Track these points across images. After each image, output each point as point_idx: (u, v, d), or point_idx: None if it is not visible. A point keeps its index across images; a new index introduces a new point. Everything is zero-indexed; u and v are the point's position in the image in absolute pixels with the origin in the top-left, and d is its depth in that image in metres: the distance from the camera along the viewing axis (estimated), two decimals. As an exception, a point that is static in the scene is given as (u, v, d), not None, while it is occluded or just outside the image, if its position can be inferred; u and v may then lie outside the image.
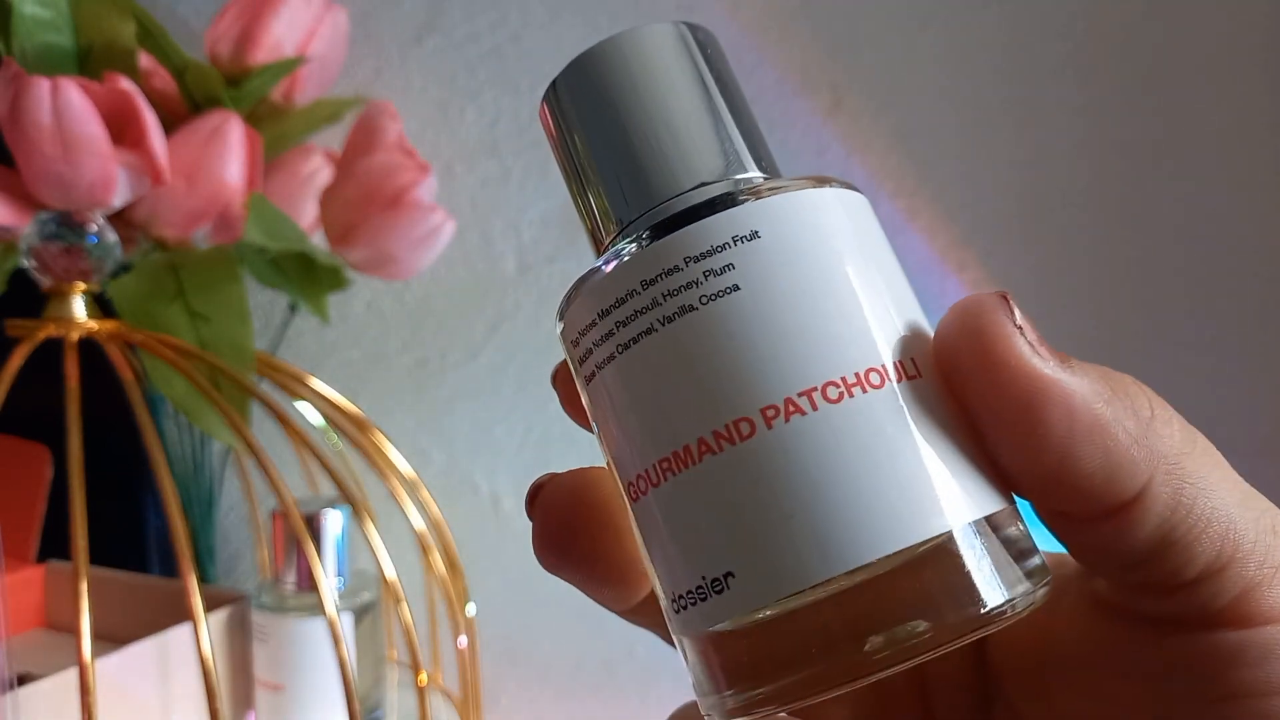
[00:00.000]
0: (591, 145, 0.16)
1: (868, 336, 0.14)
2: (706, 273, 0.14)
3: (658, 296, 0.14)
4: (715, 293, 0.13)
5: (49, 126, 0.38)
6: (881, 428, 0.13)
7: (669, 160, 0.15)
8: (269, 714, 0.42)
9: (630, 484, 0.14)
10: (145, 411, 0.34)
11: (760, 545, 0.13)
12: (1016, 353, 0.13)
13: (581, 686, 0.57)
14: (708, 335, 0.13)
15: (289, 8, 0.48)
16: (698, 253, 0.14)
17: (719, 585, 0.13)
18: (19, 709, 0.34)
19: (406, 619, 0.37)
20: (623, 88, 0.15)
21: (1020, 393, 0.13)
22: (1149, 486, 0.13)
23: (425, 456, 0.59)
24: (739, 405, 0.13)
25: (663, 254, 0.14)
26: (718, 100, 0.16)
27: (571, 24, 0.55)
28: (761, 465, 0.13)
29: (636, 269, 0.14)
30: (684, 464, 0.13)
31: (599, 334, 0.14)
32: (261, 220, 0.43)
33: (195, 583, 0.30)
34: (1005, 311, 0.13)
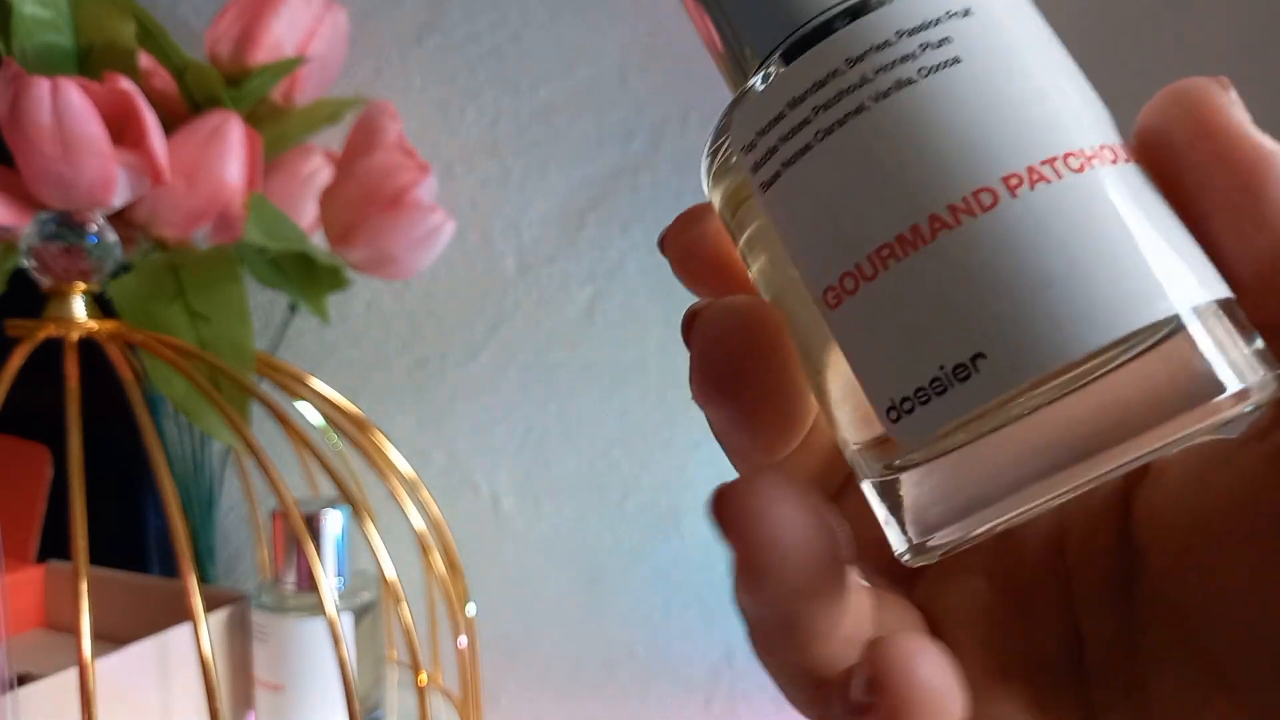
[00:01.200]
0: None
1: (1092, 114, 0.13)
2: (923, 45, 0.13)
3: (867, 73, 0.13)
4: (935, 65, 0.12)
5: (49, 126, 0.38)
6: (1125, 200, 0.12)
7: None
8: (269, 714, 0.42)
9: (832, 287, 0.13)
10: (145, 411, 0.34)
11: (1015, 319, 0.11)
12: (1236, 121, 0.12)
13: (581, 686, 0.57)
14: (932, 107, 0.12)
15: (289, 8, 0.48)
16: (911, 26, 0.13)
17: (963, 371, 0.12)
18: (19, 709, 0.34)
19: (406, 619, 0.37)
20: None
21: (1242, 160, 0.12)
22: None
23: (425, 456, 0.59)
24: (978, 175, 0.12)
25: (870, 29, 0.13)
26: None
27: (571, 24, 0.55)
28: (1011, 234, 0.12)
29: (838, 49, 0.13)
30: (912, 246, 0.12)
31: (789, 125, 0.13)
32: (261, 220, 0.43)
33: (195, 583, 0.30)
34: (1223, 86, 0.13)
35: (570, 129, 0.56)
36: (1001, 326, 0.12)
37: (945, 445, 0.12)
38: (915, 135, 0.12)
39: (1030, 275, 0.12)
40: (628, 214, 0.55)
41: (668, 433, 0.55)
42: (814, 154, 0.13)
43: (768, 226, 0.14)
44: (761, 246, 0.14)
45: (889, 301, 0.12)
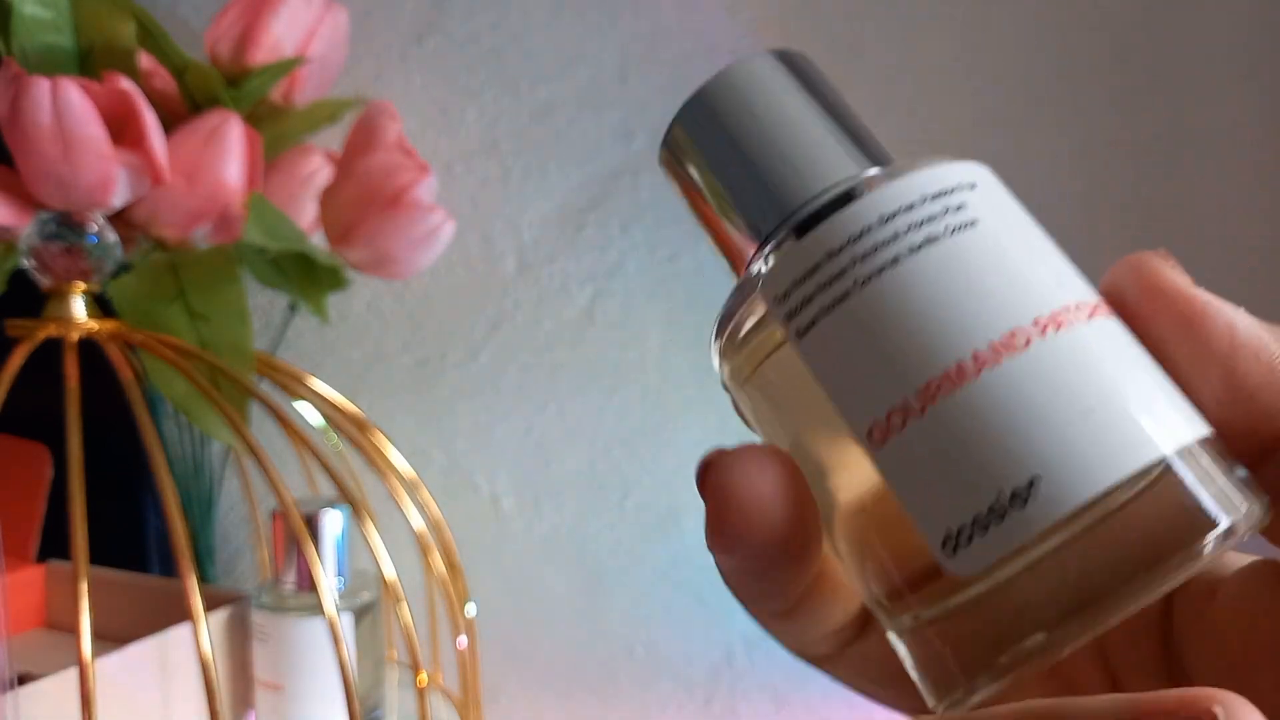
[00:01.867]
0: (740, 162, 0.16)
1: (1080, 278, 0.15)
2: (945, 208, 0.14)
3: (899, 229, 0.14)
4: (958, 225, 0.14)
5: (49, 126, 0.38)
6: (1125, 345, 0.14)
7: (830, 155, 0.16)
8: (269, 714, 0.42)
9: (877, 424, 0.13)
10: (145, 411, 0.34)
11: (1065, 443, 0.12)
12: (1172, 277, 0.14)
13: (581, 686, 0.57)
14: (962, 259, 0.14)
15: (289, 8, 0.48)
16: (933, 192, 0.14)
17: (1021, 496, 0.12)
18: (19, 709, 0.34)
19: (406, 619, 0.37)
20: (761, 106, 0.16)
21: (1182, 310, 0.14)
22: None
23: (425, 456, 0.59)
24: (1012, 318, 0.13)
25: (897, 193, 0.14)
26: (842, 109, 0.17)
27: (571, 24, 0.55)
28: (1050, 369, 0.13)
29: (869, 209, 0.14)
30: (957, 383, 0.13)
31: (828, 274, 0.14)
32: (261, 220, 0.43)
33: (195, 583, 0.30)
34: (1164, 255, 0.14)
35: (570, 129, 0.56)
36: (1053, 451, 0.12)
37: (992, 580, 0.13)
38: (949, 284, 0.14)
39: (1071, 405, 0.13)
40: (628, 214, 0.55)
41: (668, 433, 0.55)
42: (852, 301, 0.14)
43: (793, 377, 0.15)
44: (779, 400, 0.15)
45: (940, 435, 0.13)
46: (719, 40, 0.53)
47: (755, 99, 0.16)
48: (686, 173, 0.17)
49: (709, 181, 0.17)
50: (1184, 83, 0.47)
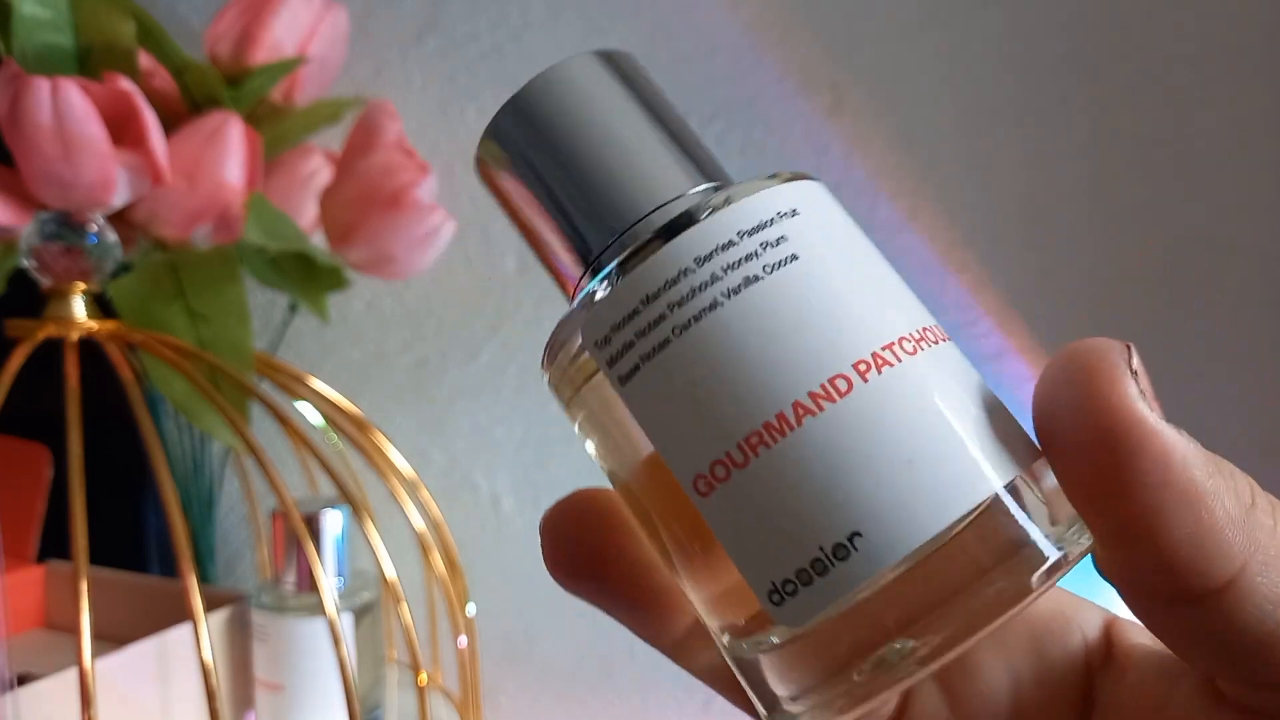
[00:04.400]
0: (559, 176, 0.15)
1: (910, 298, 0.14)
2: (763, 244, 0.13)
3: (716, 271, 0.13)
4: (777, 261, 0.13)
5: (49, 126, 0.38)
6: (953, 375, 0.13)
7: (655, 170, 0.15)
8: (269, 714, 0.42)
9: (702, 475, 0.13)
10: (145, 411, 0.34)
11: (886, 496, 0.12)
12: (1122, 389, 0.12)
13: (581, 686, 0.57)
14: (781, 301, 0.13)
15: (289, 8, 0.48)
16: (749, 227, 0.13)
17: (843, 551, 0.12)
18: (19, 709, 0.34)
19: (406, 619, 0.37)
20: (581, 115, 0.15)
21: (1116, 427, 0.12)
22: (1243, 575, 0.12)
23: (425, 456, 0.59)
24: (832, 364, 0.13)
25: (714, 231, 0.13)
26: (670, 116, 0.16)
27: (571, 23, 0.55)
28: (869, 417, 0.12)
29: (684, 251, 0.13)
30: (780, 433, 0.13)
31: (645, 320, 0.13)
32: (261, 220, 0.43)
33: (195, 583, 0.30)
34: (1121, 352, 0.13)
35: (570, 129, 0.55)
36: (874, 505, 0.12)
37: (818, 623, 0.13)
38: (769, 328, 0.13)
39: (892, 454, 0.12)
40: (628, 214, 0.55)
41: (668, 433, 0.55)
42: (672, 349, 0.13)
43: (622, 416, 0.14)
44: (606, 431, 0.15)
45: (763, 487, 0.13)
46: (719, 40, 0.53)
47: (572, 107, 0.15)
48: (502, 187, 0.16)
49: (525, 197, 0.16)
50: (1186, 82, 0.47)
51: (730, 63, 0.53)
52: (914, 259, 0.52)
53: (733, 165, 0.57)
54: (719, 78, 0.53)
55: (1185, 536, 0.12)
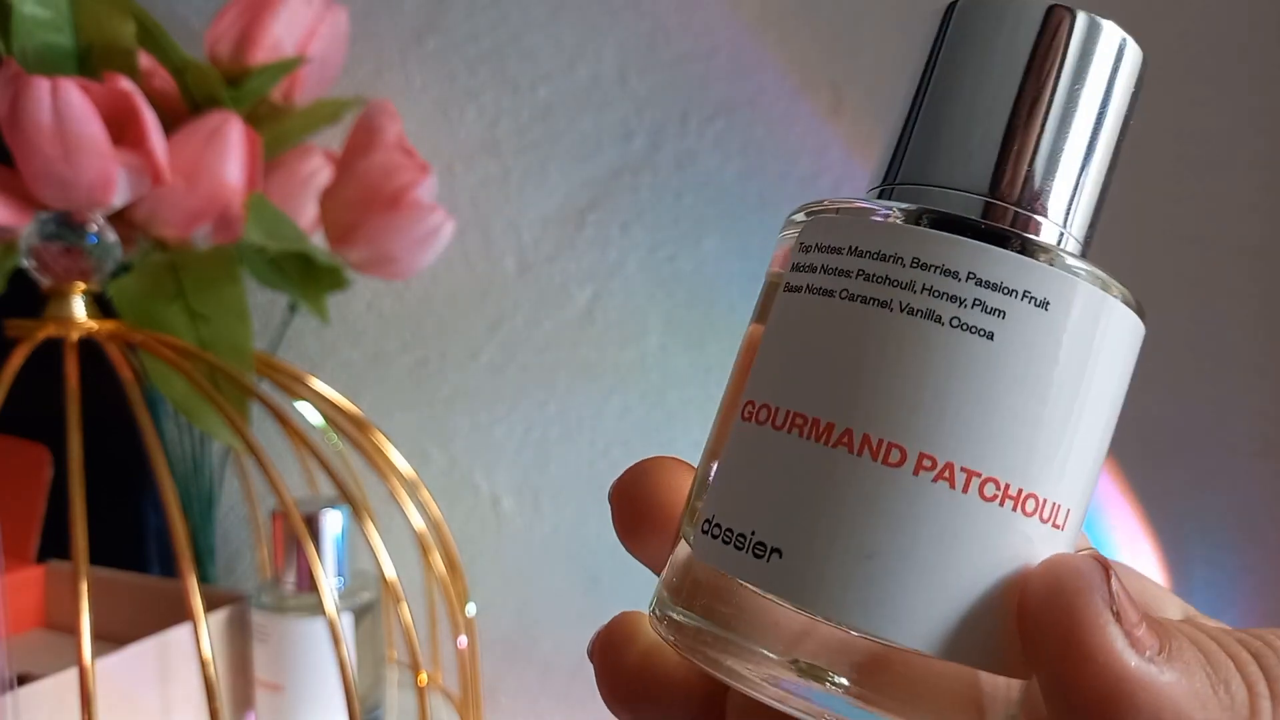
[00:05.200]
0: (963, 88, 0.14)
1: (1054, 466, 0.13)
2: (976, 301, 0.12)
3: (916, 282, 0.13)
4: (968, 324, 0.12)
5: (49, 126, 0.38)
6: (1003, 555, 0.12)
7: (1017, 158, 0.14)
8: (269, 714, 0.42)
9: (752, 402, 0.14)
10: (145, 411, 0.34)
11: (825, 555, 0.12)
12: (1106, 643, 0.12)
13: (581, 686, 0.57)
14: (931, 354, 0.12)
15: (289, 8, 0.48)
16: (986, 279, 0.12)
17: (761, 551, 0.13)
18: (19, 709, 0.34)
19: (406, 619, 0.37)
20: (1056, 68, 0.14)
21: (1102, 687, 0.12)
22: None
23: (425, 456, 0.59)
24: (906, 434, 0.12)
25: (950, 251, 0.13)
26: (1108, 137, 0.15)
27: (572, 24, 0.55)
28: (884, 496, 0.12)
29: (912, 243, 0.13)
30: (816, 435, 0.13)
31: (839, 264, 0.13)
32: (261, 220, 0.43)
33: (195, 583, 0.30)
34: (1101, 588, 0.12)
35: (570, 129, 0.56)
36: (811, 549, 0.12)
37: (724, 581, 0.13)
38: (900, 362, 0.13)
39: (869, 536, 0.12)
40: (628, 214, 0.55)
41: (668, 433, 0.55)
42: (832, 303, 0.13)
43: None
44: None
45: (776, 455, 0.13)
46: (719, 40, 0.53)
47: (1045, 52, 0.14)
48: (927, 55, 0.15)
49: (926, 81, 0.15)
50: (1185, 82, 0.47)
51: (730, 63, 0.53)
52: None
53: (733, 165, 0.57)
54: (719, 78, 0.53)
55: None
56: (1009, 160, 0.14)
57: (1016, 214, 0.14)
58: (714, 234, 0.54)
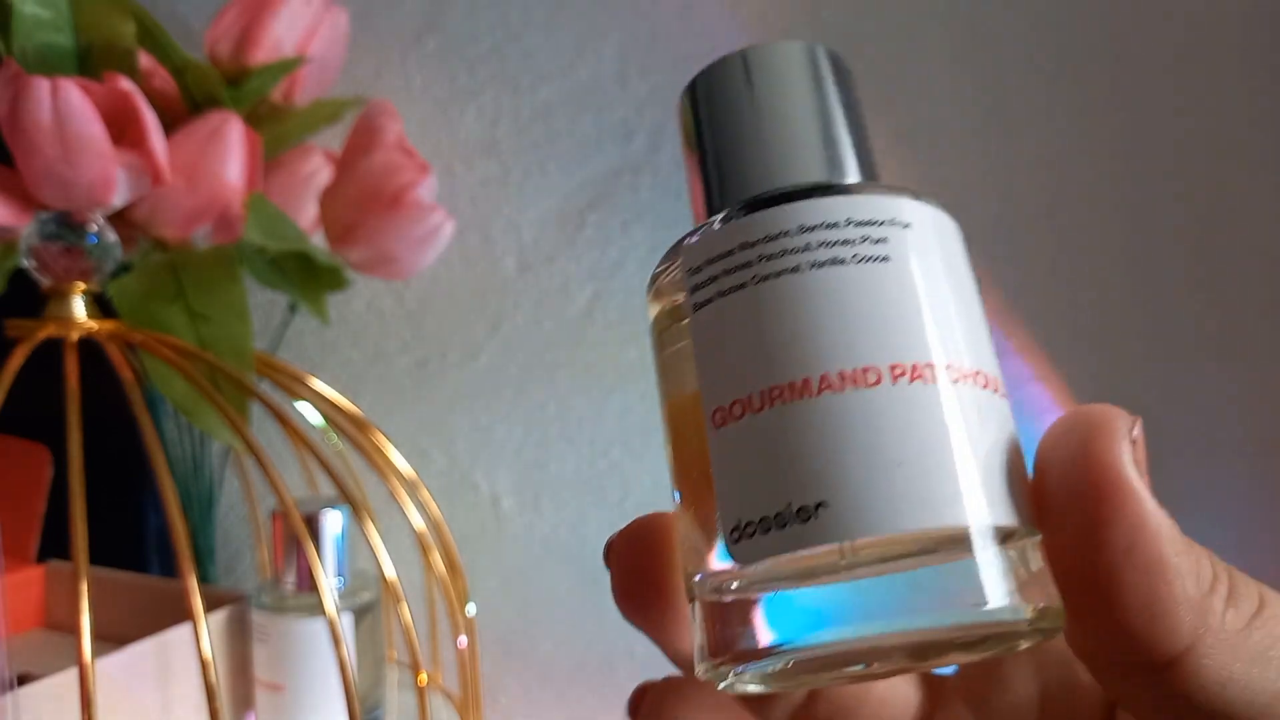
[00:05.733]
0: (738, 128, 0.17)
1: (976, 341, 0.15)
2: (864, 238, 0.15)
3: (811, 243, 0.15)
4: (867, 256, 0.15)
5: (49, 126, 0.38)
6: (984, 421, 0.14)
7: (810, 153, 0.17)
8: (269, 714, 0.42)
9: (721, 408, 0.15)
10: (145, 411, 0.34)
11: (863, 484, 0.13)
12: (1118, 450, 0.13)
13: (581, 686, 0.57)
14: (853, 289, 0.14)
15: (289, 8, 0.48)
16: (860, 219, 0.15)
17: (806, 513, 0.13)
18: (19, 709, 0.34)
19: (406, 619, 0.37)
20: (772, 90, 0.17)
21: (1102, 482, 0.13)
22: (1190, 654, 0.13)
23: (425, 456, 0.59)
24: (871, 356, 0.14)
25: (828, 208, 0.15)
26: (854, 119, 0.18)
27: (571, 24, 0.55)
28: (882, 413, 0.14)
29: (796, 215, 0.15)
30: (799, 394, 0.14)
31: (736, 262, 0.15)
32: (261, 220, 0.43)
33: (195, 583, 0.30)
34: (1125, 421, 0.13)
35: (570, 129, 0.56)
36: (849, 486, 0.13)
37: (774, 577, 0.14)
38: (832, 305, 0.14)
39: (886, 452, 0.13)
40: (628, 214, 0.55)
41: (668, 433, 0.55)
42: (746, 292, 0.15)
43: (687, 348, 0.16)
44: (677, 364, 0.16)
45: (765, 435, 0.14)
46: (719, 40, 0.53)
47: (771, 80, 0.17)
48: (691, 123, 0.18)
49: (700, 139, 0.18)
50: (1184, 83, 0.47)
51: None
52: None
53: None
54: (719, 78, 0.53)
55: (1141, 606, 0.13)
56: (815, 151, 0.17)
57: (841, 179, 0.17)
58: (714, 234, 0.54)
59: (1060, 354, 0.50)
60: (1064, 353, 0.50)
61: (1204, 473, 0.49)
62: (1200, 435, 0.49)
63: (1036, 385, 0.51)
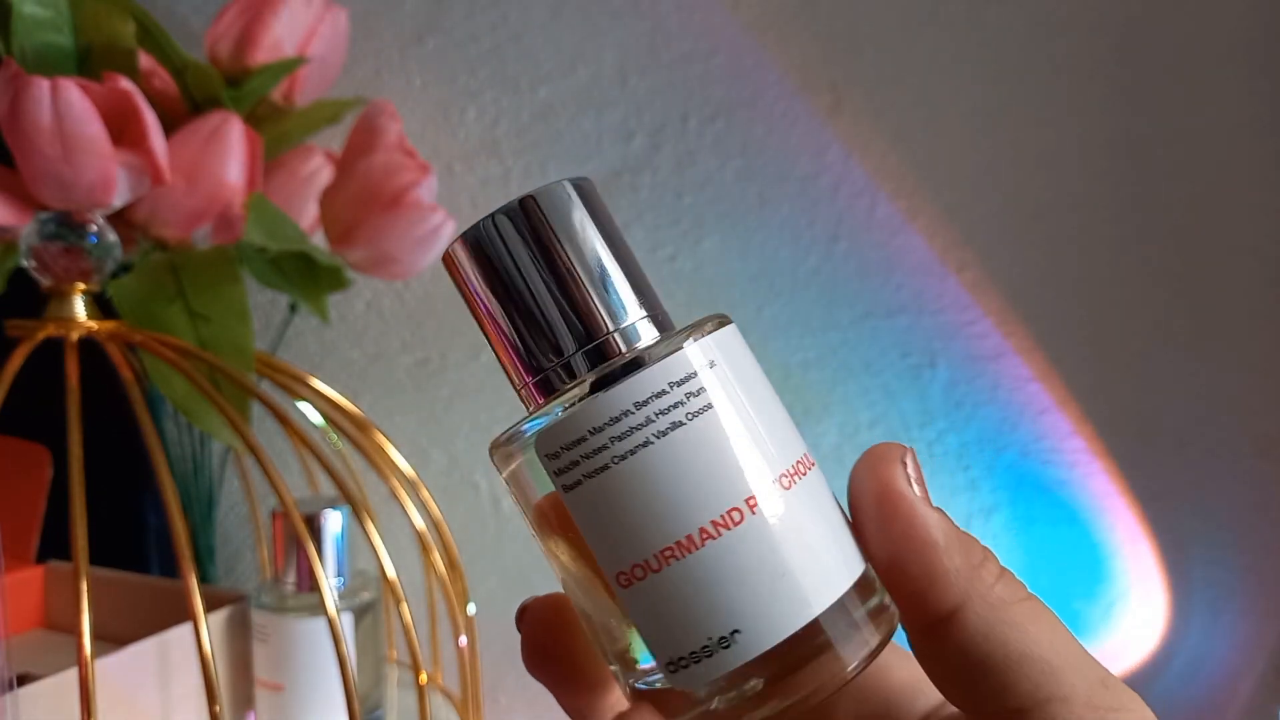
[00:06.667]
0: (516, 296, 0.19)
1: (793, 430, 0.18)
2: (688, 394, 0.17)
3: (650, 415, 0.17)
4: (696, 410, 0.17)
5: (49, 126, 0.38)
6: (819, 501, 0.18)
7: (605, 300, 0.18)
8: (269, 714, 0.42)
9: (624, 573, 0.17)
10: (145, 411, 0.34)
11: (762, 603, 0.16)
12: (894, 472, 0.18)
13: (581, 686, 0.57)
14: (698, 442, 0.17)
15: (289, 8, 0.48)
16: (679, 378, 0.17)
17: (725, 642, 0.16)
18: (19, 709, 0.34)
19: (406, 619, 0.37)
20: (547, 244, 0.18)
21: (885, 497, 0.17)
22: (962, 613, 0.17)
23: (425, 456, 0.59)
24: (731, 497, 0.17)
25: (651, 380, 0.17)
26: (623, 249, 0.19)
27: (572, 24, 0.55)
28: (753, 542, 0.17)
29: (627, 394, 0.17)
30: (687, 550, 0.17)
31: (593, 446, 0.17)
32: (261, 220, 0.43)
33: (195, 583, 0.30)
34: (899, 451, 0.18)
35: (570, 129, 0.56)
36: (753, 609, 0.16)
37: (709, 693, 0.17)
38: (685, 466, 0.17)
39: (768, 572, 0.16)
40: (627, 214, 0.55)
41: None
42: (610, 473, 0.17)
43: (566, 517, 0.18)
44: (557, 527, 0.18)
45: (671, 589, 0.17)
46: (719, 40, 0.53)
47: (544, 233, 0.18)
48: (471, 281, 0.19)
49: (493, 300, 0.19)
50: (1184, 83, 0.47)
51: (730, 63, 0.53)
52: (914, 259, 0.52)
53: (732, 165, 0.57)
54: (719, 78, 0.53)
55: (921, 575, 0.17)
56: (582, 311, 0.18)
57: (620, 334, 0.18)
58: (714, 234, 0.54)
59: (1060, 354, 0.50)
60: (1064, 353, 0.50)
61: (1204, 473, 0.49)
62: (1200, 435, 0.49)
63: (1036, 385, 0.51)
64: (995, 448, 0.52)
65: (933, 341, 0.52)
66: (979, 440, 0.52)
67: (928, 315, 0.52)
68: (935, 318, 0.52)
